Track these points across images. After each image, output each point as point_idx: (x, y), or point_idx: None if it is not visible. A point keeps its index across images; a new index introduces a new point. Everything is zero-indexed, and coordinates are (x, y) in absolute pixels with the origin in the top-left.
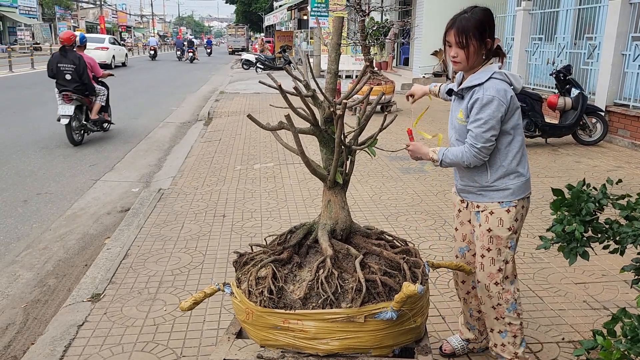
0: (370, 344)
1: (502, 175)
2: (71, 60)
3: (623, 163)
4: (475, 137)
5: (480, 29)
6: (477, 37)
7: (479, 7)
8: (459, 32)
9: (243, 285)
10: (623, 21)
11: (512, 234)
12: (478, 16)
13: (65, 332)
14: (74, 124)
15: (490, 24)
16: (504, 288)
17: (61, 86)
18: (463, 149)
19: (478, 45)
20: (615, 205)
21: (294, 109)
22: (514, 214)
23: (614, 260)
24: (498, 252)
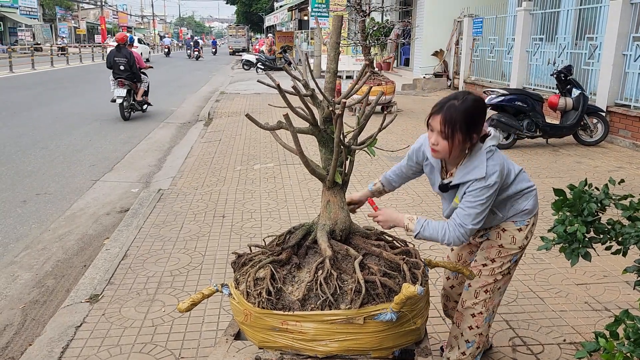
0: (369, 345)
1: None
2: (124, 55)
3: (624, 163)
4: (467, 216)
5: (469, 121)
6: (464, 130)
7: (471, 95)
8: (445, 122)
9: (241, 286)
10: (624, 21)
11: (520, 252)
12: (468, 106)
13: (63, 333)
14: (125, 103)
15: (480, 116)
16: (490, 297)
17: (116, 74)
18: (447, 226)
19: (463, 138)
20: (617, 206)
21: (293, 109)
22: (526, 232)
23: (615, 261)
24: (501, 265)
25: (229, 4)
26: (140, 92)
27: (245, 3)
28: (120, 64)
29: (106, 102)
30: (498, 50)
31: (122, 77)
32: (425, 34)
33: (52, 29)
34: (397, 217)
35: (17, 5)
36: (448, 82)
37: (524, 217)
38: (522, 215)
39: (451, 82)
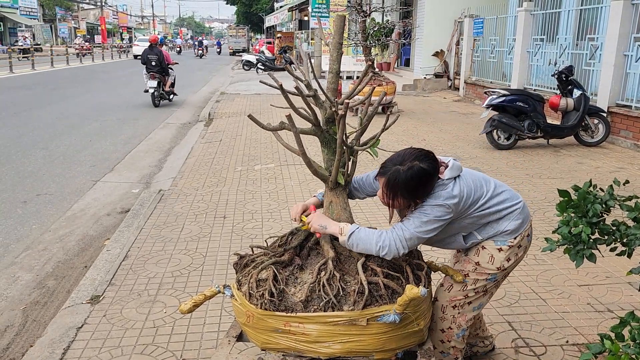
0: (372, 347)
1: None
2: (155, 53)
3: (626, 164)
4: (409, 222)
5: (410, 190)
6: (406, 196)
7: (419, 165)
8: (387, 187)
9: (243, 287)
10: (625, 22)
11: (499, 272)
12: (412, 176)
13: (64, 335)
14: (155, 93)
15: (425, 184)
16: (460, 312)
17: (149, 69)
18: (384, 231)
19: (406, 202)
20: (622, 207)
21: (295, 109)
22: (507, 253)
23: (618, 262)
24: (474, 282)
25: (229, 4)
26: (168, 83)
27: (246, 3)
28: (152, 60)
29: (106, 102)
30: (499, 51)
31: (153, 71)
32: (426, 35)
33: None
34: (330, 220)
35: (17, 6)
36: (449, 82)
37: (506, 237)
38: (503, 235)
39: (452, 82)
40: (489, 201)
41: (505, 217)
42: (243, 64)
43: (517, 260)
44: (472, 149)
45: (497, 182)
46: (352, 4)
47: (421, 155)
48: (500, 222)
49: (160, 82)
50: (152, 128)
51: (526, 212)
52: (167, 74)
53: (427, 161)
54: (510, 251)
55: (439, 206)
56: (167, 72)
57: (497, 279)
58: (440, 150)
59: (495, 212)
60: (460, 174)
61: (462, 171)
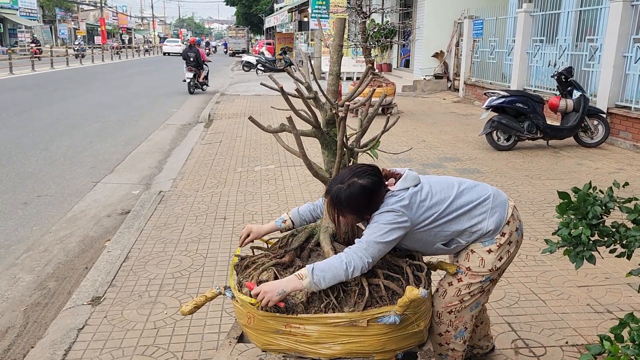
0: (373, 348)
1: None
2: (193, 51)
3: (625, 165)
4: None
5: (354, 207)
6: (352, 212)
7: (357, 182)
8: (331, 206)
9: (244, 288)
10: (624, 23)
11: (492, 273)
12: (353, 193)
13: (66, 336)
14: (191, 82)
15: (367, 202)
16: (457, 317)
17: (188, 64)
18: (345, 253)
19: (355, 218)
20: (622, 209)
21: (296, 111)
22: (498, 253)
23: (617, 263)
24: (468, 286)
25: (229, 5)
26: (202, 75)
27: (245, 4)
28: (191, 57)
29: (105, 103)
30: (498, 52)
31: (191, 65)
32: (426, 36)
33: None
34: (282, 284)
35: (17, 7)
36: (448, 83)
37: (491, 236)
38: (488, 235)
39: (451, 83)
40: (453, 204)
41: (479, 217)
42: (243, 65)
43: (510, 257)
44: (471, 150)
45: (464, 183)
46: (352, 5)
47: (360, 172)
48: (478, 225)
49: (195, 74)
50: (152, 129)
51: (498, 202)
52: (201, 68)
53: (366, 177)
54: (500, 250)
55: (387, 212)
56: (202, 66)
57: (492, 278)
58: (440, 152)
59: (463, 214)
60: (417, 183)
61: (418, 181)
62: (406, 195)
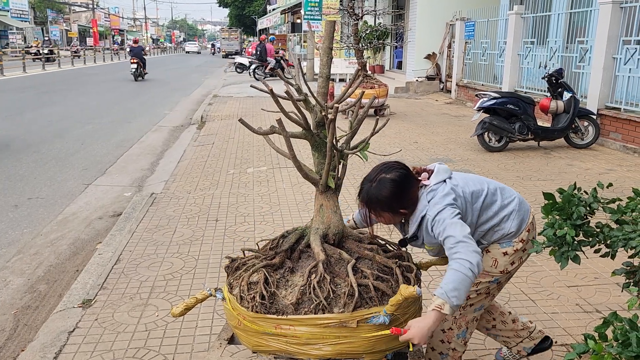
0: (362, 349)
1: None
2: (262, 47)
3: (615, 166)
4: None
5: (387, 204)
6: (386, 209)
7: (385, 177)
8: (365, 206)
9: (235, 290)
10: (614, 25)
11: (502, 276)
12: (383, 190)
13: (56, 339)
14: (257, 71)
15: (398, 196)
16: (461, 314)
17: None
18: (457, 261)
19: (391, 214)
20: (605, 209)
21: (286, 113)
22: (512, 257)
23: (606, 263)
24: (477, 284)
25: (222, 7)
26: (267, 67)
27: (238, 6)
28: (258, 51)
29: (99, 105)
30: (490, 54)
31: (254, 58)
32: (418, 37)
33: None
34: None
35: (8, 8)
36: (441, 84)
37: (510, 239)
38: (508, 237)
39: (444, 85)
40: (486, 199)
41: (505, 217)
42: (236, 67)
43: (520, 264)
44: (463, 151)
45: (492, 182)
46: (344, 7)
47: (387, 168)
48: (502, 224)
49: (259, 65)
50: (144, 131)
51: (523, 207)
52: (265, 61)
53: (393, 171)
54: (515, 255)
55: (444, 210)
56: (266, 60)
57: (500, 281)
58: (432, 153)
59: (493, 211)
60: (451, 175)
61: (450, 173)
62: (447, 190)
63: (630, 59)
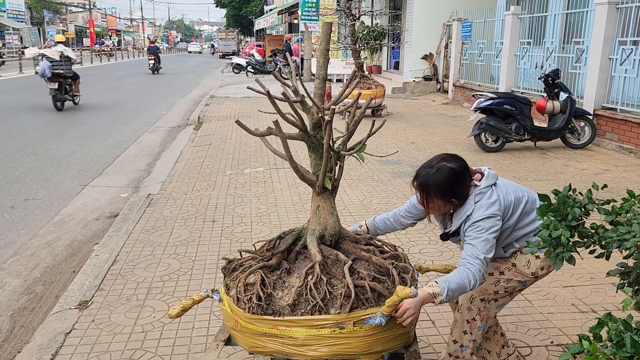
0: (359, 349)
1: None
2: (287, 46)
3: (611, 166)
4: (475, 247)
5: (442, 190)
6: (440, 197)
7: (446, 165)
8: (420, 189)
9: (231, 291)
10: (610, 26)
11: (532, 279)
12: (441, 176)
13: (53, 340)
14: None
15: (456, 183)
16: (485, 307)
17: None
18: (464, 267)
19: (443, 202)
20: (600, 211)
21: (283, 115)
22: (543, 262)
23: (601, 263)
24: (508, 280)
25: (219, 7)
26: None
27: (235, 6)
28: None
29: (94, 106)
30: (487, 54)
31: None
32: (415, 38)
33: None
34: (420, 296)
35: (4, 9)
36: (437, 85)
37: None
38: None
39: (440, 85)
40: (526, 206)
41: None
42: (233, 67)
43: (548, 271)
44: (460, 152)
45: (530, 191)
46: (341, 8)
47: (448, 157)
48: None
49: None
50: (141, 132)
51: None
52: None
53: (454, 161)
54: (545, 261)
55: (487, 218)
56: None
57: (527, 284)
58: (429, 153)
59: (530, 218)
60: (496, 181)
61: (497, 179)
62: (495, 197)
63: (626, 60)
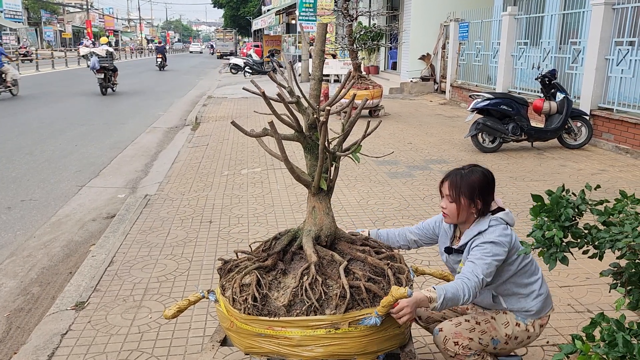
0: (354, 350)
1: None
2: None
3: (607, 166)
4: (477, 266)
5: (472, 189)
6: (467, 195)
7: (479, 167)
8: (450, 186)
9: (227, 292)
10: (606, 26)
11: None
12: (473, 177)
13: (49, 341)
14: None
15: (484, 187)
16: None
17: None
18: (461, 281)
19: (467, 203)
20: (593, 211)
21: (278, 116)
22: (520, 331)
23: (597, 263)
24: (482, 332)
25: (217, 8)
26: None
27: (233, 6)
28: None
29: (92, 106)
30: (484, 54)
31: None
32: (413, 38)
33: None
34: (416, 297)
35: (2, 9)
36: (435, 85)
37: (527, 316)
38: (524, 313)
39: (438, 85)
40: (530, 264)
41: (532, 293)
42: (230, 68)
43: (520, 343)
44: (457, 152)
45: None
46: (338, 8)
47: (477, 166)
48: (527, 297)
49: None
50: (138, 132)
51: (550, 301)
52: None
53: (483, 169)
54: (522, 334)
55: (496, 244)
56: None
57: (497, 347)
58: (426, 154)
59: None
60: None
61: (513, 223)
62: (508, 232)
63: (622, 60)
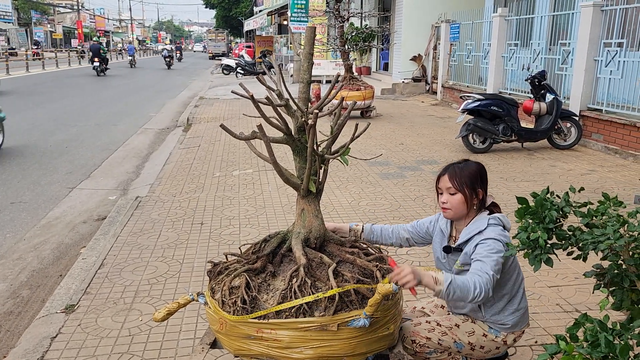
0: (343, 351)
1: (498, 312)
2: None
3: (596, 167)
4: (485, 264)
5: (472, 179)
6: (469, 185)
7: (472, 160)
8: (450, 178)
9: (217, 295)
10: (595, 28)
11: (467, 347)
12: (471, 168)
13: (39, 345)
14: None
15: (482, 176)
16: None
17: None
18: (472, 275)
19: (469, 193)
20: (576, 213)
21: (267, 119)
22: (486, 342)
23: (585, 263)
24: (442, 334)
25: (208, 8)
26: None
27: (225, 7)
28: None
29: (84, 108)
30: (475, 56)
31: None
32: (404, 39)
33: (27, 33)
34: (422, 272)
35: None
36: (426, 86)
37: (500, 328)
38: (499, 325)
39: (429, 86)
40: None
41: (508, 306)
42: (222, 68)
43: (487, 352)
44: (448, 153)
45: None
46: (330, 9)
47: (469, 160)
48: (505, 311)
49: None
50: (130, 134)
51: (526, 317)
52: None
53: (476, 162)
54: (489, 344)
55: (499, 241)
56: None
57: (462, 351)
58: (417, 154)
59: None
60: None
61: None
62: (507, 234)
63: (611, 61)
